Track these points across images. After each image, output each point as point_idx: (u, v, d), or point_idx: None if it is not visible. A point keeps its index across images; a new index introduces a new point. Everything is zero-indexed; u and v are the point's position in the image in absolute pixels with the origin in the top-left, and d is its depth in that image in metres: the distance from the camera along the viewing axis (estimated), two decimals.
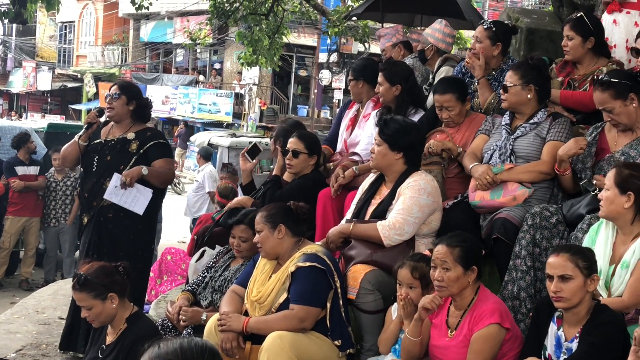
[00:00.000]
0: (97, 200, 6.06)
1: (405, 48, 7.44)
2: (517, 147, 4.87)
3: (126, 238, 6.09)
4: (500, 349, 3.81)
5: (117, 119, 6.13)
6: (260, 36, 15.86)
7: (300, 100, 34.20)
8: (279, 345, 4.20)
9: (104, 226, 6.07)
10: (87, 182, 6.16)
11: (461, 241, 3.95)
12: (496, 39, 5.68)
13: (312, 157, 5.63)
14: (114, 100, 6.08)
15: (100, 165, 6.06)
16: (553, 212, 4.42)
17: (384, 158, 4.81)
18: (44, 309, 7.69)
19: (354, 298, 4.51)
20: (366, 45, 18.98)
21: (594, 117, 5.10)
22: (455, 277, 3.88)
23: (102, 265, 4.39)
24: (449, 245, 3.93)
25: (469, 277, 3.90)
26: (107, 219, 6.06)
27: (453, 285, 3.90)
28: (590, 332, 3.45)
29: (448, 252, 3.91)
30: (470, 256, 3.90)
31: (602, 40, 5.41)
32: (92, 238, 6.08)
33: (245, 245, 5.20)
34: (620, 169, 3.90)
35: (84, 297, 4.28)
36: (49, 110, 40.43)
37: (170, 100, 32.13)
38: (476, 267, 3.91)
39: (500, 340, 3.78)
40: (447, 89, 5.37)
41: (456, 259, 3.89)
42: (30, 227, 10.93)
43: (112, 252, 6.01)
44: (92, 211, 6.10)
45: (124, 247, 6.07)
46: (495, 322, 3.78)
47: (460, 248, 3.91)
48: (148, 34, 37.25)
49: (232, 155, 16.35)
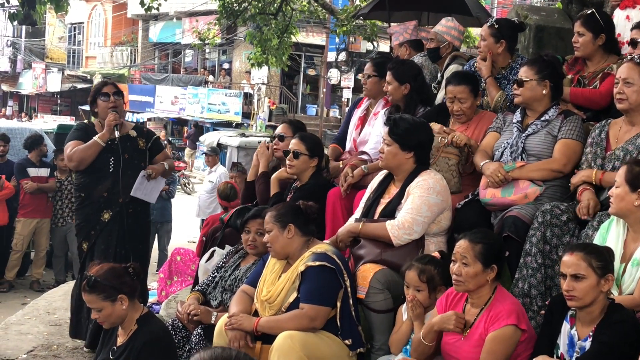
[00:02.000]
0: (123, 197, 6.24)
1: (412, 47, 7.40)
2: (529, 144, 4.84)
3: (141, 232, 6.46)
4: (515, 349, 3.79)
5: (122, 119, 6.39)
6: (270, 36, 15.87)
7: (309, 99, 34.19)
8: (290, 345, 4.19)
9: (125, 221, 6.29)
10: (104, 181, 6.24)
11: (484, 238, 3.93)
12: (499, 36, 5.66)
13: (312, 159, 5.58)
14: (117, 99, 6.31)
15: (117, 163, 6.22)
16: (564, 210, 4.40)
17: (395, 158, 4.80)
18: (55, 310, 7.71)
19: (364, 297, 4.50)
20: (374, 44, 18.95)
21: (604, 115, 5.08)
22: (474, 273, 3.86)
23: (111, 267, 4.39)
24: (472, 241, 3.91)
25: (487, 275, 3.87)
26: (127, 214, 6.31)
27: (470, 282, 3.88)
28: (603, 332, 3.42)
29: (469, 248, 3.89)
30: (491, 254, 3.87)
31: (613, 37, 5.39)
32: (118, 234, 6.26)
33: (261, 239, 5.17)
34: (631, 165, 3.88)
35: (93, 299, 4.29)
36: (58, 111, 40.55)
37: (180, 101, 32.17)
38: (496, 266, 3.88)
39: (516, 341, 3.75)
40: (461, 81, 5.37)
41: (477, 255, 3.86)
42: (41, 228, 10.97)
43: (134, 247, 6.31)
44: (116, 207, 6.25)
45: (142, 241, 6.50)
46: (512, 324, 3.74)
47: (483, 245, 3.88)
48: (157, 35, 37.31)
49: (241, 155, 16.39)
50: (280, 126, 6.36)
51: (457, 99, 5.33)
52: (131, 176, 6.24)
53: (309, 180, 5.59)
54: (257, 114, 29.63)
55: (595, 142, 4.61)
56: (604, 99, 5.13)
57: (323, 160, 5.71)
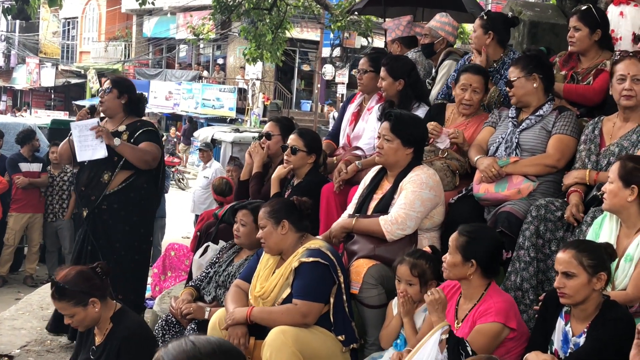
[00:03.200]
0: (95, 194, 6.13)
1: (404, 44, 7.37)
2: (523, 140, 4.85)
3: (121, 230, 6.21)
4: (504, 345, 3.80)
5: (110, 113, 6.24)
6: (264, 31, 15.85)
7: (304, 95, 34.19)
8: (282, 341, 4.19)
9: (99, 218, 6.17)
10: (82, 175, 6.24)
11: (469, 232, 3.94)
12: (488, 27, 5.68)
13: (310, 156, 5.56)
14: (105, 94, 6.19)
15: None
16: (558, 206, 4.40)
17: (396, 154, 4.78)
18: (49, 305, 7.68)
19: (357, 293, 4.50)
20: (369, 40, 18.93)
21: (598, 111, 5.08)
22: (452, 263, 3.92)
23: (79, 271, 4.25)
24: (458, 232, 3.96)
25: (467, 269, 3.89)
26: (101, 211, 6.15)
27: (451, 271, 3.94)
28: (598, 328, 3.41)
29: (454, 238, 3.96)
30: (470, 249, 3.88)
31: (607, 33, 5.39)
32: (88, 230, 6.15)
33: (244, 230, 5.19)
34: (625, 161, 3.88)
35: (64, 306, 4.18)
36: (52, 106, 40.43)
37: (174, 96, 32.12)
38: (474, 262, 3.87)
39: (501, 339, 3.76)
40: (478, 72, 5.40)
41: (457, 246, 3.91)
42: (34, 223, 10.94)
43: (108, 244, 6.14)
44: (91, 205, 6.16)
45: (120, 239, 6.21)
46: (499, 322, 3.76)
47: (465, 238, 3.91)
48: (151, 30, 37.25)
49: (235, 151, 16.35)
50: (268, 124, 6.29)
51: (471, 88, 5.34)
52: (104, 171, 6.11)
53: (305, 177, 5.57)
54: (251, 109, 29.62)
55: (589, 139, 4.61)
56: (597, 95, 5.14)
57: (321, 157, 5.70)
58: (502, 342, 3.80)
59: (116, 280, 6.13)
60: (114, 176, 6.12)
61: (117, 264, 6.13)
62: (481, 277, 3.92)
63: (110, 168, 6.12)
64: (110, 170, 6.13)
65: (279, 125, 6.13)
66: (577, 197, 4.37)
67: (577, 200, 4.34)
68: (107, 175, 6.11)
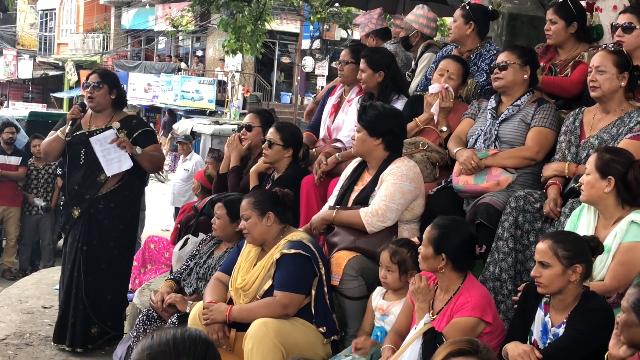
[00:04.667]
0: (90, 193, 6.05)
1: (379, 37, 7.38)
2: (502, 132, 4.87)
3: (116, 228, 6.16)
4: (480, 339, 3.79)
5: (99, 108, 6.10)
6: (244, 23, 15.79)
7: (284, 87, 34.13)
8: (264, 333, 4.20)
9: (94, 218, 6.09)
10: (75, 174, 6.10)
11: (442, 226, 3.94)
12: (469, 17, 5.71)
13: (287, 150, 5.54)
14: (96, 90, 6.02)
15: (88, 156, 6.03)
16: (537, 198, 4.43)
17: (364, 144, 4.81)
18: (27, 298, 7.66)
19: (338, 284, 4.51)
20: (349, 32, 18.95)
21: (576, 102, 5.12)
22: (425, 255, 3.92)
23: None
24: (432, 225, 3.98)
25: (438, 262, 3.89)
26: (97, 210, 6.08)
27: (423, 263, 3.95)
28: (577, 319, 3.44)
29: (428, 230, 3.98)
30: (442, 243, 3.88)
31: (584, 25, 5.42)
32: (83, 230, 6.06)
33: (219, 223, 5.22)
34: (601, 153, 3.90)
35: None
36: (30, 98, 40.06)
37: (153, 88, 31.93)
38: (444, 256, 3.87)
39: (477, 333, 3.76)
40: (459, 60, 5.46)
41: (429, 239, 3.92)
42: (9, 217, 10.88)
43: (101, 244, 6.06)
44: (84, 204, 6.07)
45: (115, 237, 6.16)
46: (476, 316, 3.77)
47: (437, 232, 3.92)
48: (129, 21, 36.99)
49: (215, 143, 16.28)
50: (248, 116, 6.30)
51: (448, 74, 5.37)
52: (102, 171, 6.01)
53: (286, 170, 5.57)
54: (231, 101, 29.51)
55: (569, 130, 4.64)
56: (575, 87, 5.17)
57: (301, 151, 5.67)
58: (477, 336, 3.81)
59: (106, 282, 6.12)
60: (110, 176, 6.06)
61: (109, 264, 6.11)
62: (453, 270, 3.92)
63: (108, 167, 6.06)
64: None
65: (260, 117, 6.12)
66: (554, 191, 4.40)
67: (555, 194, 4.37)
68: (104, 175, 6.03)
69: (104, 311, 6.12)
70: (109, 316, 6.16)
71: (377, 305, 4.38)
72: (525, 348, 3.44)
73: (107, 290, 6.15)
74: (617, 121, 4.44)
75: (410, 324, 4.02)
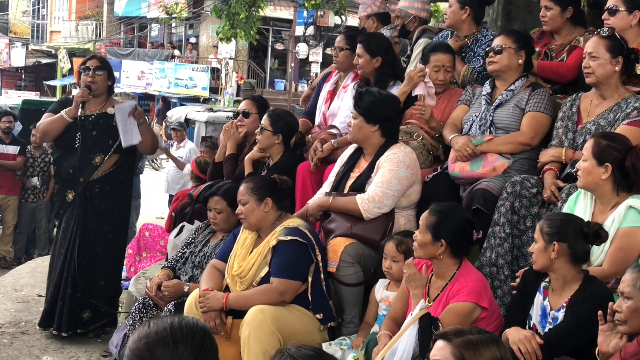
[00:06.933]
0: (84, 176, 6.07)
1: (380, 20, 7.34)
2: (497, 118, 4.86)
3: (112, 212, 6.20)
4: (476, 324, 3.81)
5: (98, 93, 6.16)
6: (237, 9, 15.69)
7: (278, 74, 34.03)
8: (261, 319, 4.20)
9: (89, 201, 6.11)
10: (70, 158, 6.12)
11: (440, 212, 3.93)
12: (464, 2, 5.69)
13: (276, 136, 5.51)
14: (97, 75, 6.10)
15: (84, 140, 6.06)
16: (534, 183, 4.42)
17: (360, 131, 4.79)
18: (22, 287, 7.66)
19: (335, 271, 4.51)
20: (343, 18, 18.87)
21: (571, 87, 5.11)
22: (422, 242, 3.91)
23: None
24: (429, 211, 3.96)
25: (437, 248, 3.89)
26: (93, 194, 6.12)
27: (421, 249, 3.93)
28: (577, 304, 3.44)
29: (424, 217, 3.95)
30: (440, 228, 3.87)
31: (579, 9, 5.41)
32: (78, 214, 6.06)
33: (221, 216, 5.20)
34: (598, 139, 3.89)
35: None
36: (23, 86, 39.94)
37: (146, 76, 31.82)
38: (444, 242, 3.87)
39: (473, 318, 3.77)
40: (447, 50, 5.43)
41: (427, 225, 3.90)
42: (7, 205, 10.87)
43: (97, 228, 6.08)
44: (79, 187, 6.08)
45: (110, 221, 6.19)
46: (472, 301, 3.77)
47: (435, 218, 3.91)
48: (122, 9, 36.81)
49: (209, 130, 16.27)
50: (244, 102, 6.27)
51: (444, 68, 5.36)
52: (97, 154, 6.07)
53: (281, 157, 5.55)
54: (224, 88, 29.42)
55: (566, 116, 4.62)
56: (571, 71, 5.16)
57: (293, 138, 5.65)
58: (473, 322, 3.82)
59: (100, 267, 6.12)
60: (106, 158, 6.09)
61: (103, 249, 6.11)
62: (451, 256, 3.92)
63: (104, 151, 6.09)
64: (103, 152, 6.09)
65: (256, 104, 6.11)
66: (551, 176, 4.40)
67: (552, 179, 4.37)
68: (99, 157, 6.07)
69: (97, 296, 6.13)
70: (101, 301, 6.16)
71: (382, 297, 4.38)
72: (526, 334, 3.44)
73: (101, 275, 6.16)
74: (614, 107, 4.42)
75: (406, 311, 4.02)
